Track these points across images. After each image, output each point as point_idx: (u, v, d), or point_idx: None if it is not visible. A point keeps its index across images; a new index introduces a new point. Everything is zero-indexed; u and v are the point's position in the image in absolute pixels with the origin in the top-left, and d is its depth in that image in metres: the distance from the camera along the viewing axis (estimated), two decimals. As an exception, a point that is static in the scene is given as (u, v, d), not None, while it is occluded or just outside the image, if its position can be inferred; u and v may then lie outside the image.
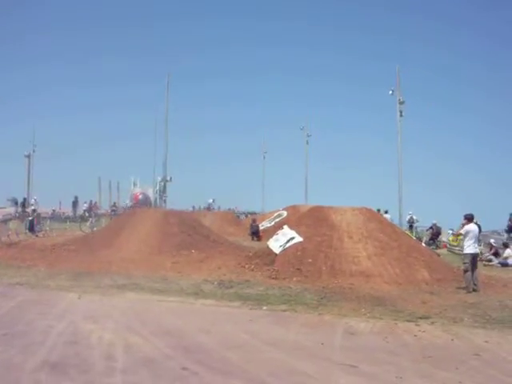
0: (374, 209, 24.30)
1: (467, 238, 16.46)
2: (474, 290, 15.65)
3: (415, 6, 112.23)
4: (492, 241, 27.47)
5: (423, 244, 27.15)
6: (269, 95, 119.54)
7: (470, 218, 16.77)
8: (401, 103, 43.72)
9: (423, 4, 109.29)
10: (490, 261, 24.14)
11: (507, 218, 32.33)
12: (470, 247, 16.35)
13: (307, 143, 66.30)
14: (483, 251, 26.53)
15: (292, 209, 41.03)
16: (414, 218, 39.29)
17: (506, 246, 25.29)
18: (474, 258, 16.38)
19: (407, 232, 30.40)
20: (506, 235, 31.88)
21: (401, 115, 43.92)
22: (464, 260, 16.39)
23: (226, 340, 9.54)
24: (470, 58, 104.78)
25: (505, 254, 24.26)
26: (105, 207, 57.39)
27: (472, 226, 16.62)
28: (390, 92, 43.97)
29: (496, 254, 24.90)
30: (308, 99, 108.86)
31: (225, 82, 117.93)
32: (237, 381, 7.26)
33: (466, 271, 16.06)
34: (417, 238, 30.27)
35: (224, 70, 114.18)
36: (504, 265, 23.42)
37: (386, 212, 34.64)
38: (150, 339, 9.36)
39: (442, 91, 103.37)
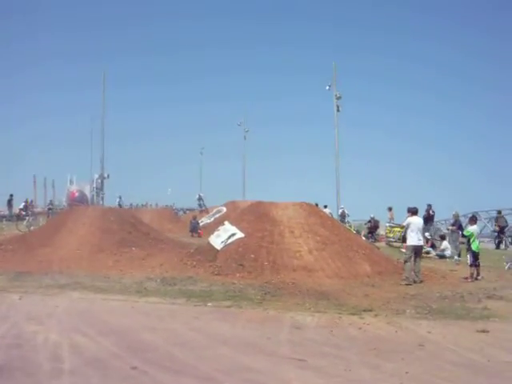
0: (313, 203, 24.47)
1: (409, 230, 16.93)
2: (415, 282, 16.10)
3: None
4: (427, 234, 28.12)
5: (363, 238, 27.57)
6: (208, 94, 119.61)
7: (413, 212, 17.26)
8: (338, 98, 44.11)
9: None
10: (428, 253, 24.69)
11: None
12: (412, 239, 16.81)
13: (245, 138, 66.63)
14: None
15: (231, 204, 41.22)
16: (346, 212, 39.78)
17: (442, 238, 25.93)
18: (417, 249, 16.83)
19: (347, 226, 30.77)
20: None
21: (338, 110, 44.33)
22: (406, 251, 16.76)
23: (173, 337, 9.51)
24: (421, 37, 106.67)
25: (442, 246, 24.92)
26: (41, 205, 56.33)
27: (414, 219, 17.09)
28: (327, 87, 44.34)
29: (433, 247, 25.51)
30: (246, 95, 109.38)
31: (161, 85, 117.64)
32: (188, 379, 7.25)
33: (405, 262, 16.51)
34: (356, 231, 30.66)
35: (160, 73, 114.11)
36: (441, 256, 24.11)
37: (326, 207, 34.97)
38: (97, 339, 9.23)
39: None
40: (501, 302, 13.53)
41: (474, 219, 19.28)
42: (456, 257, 23.18)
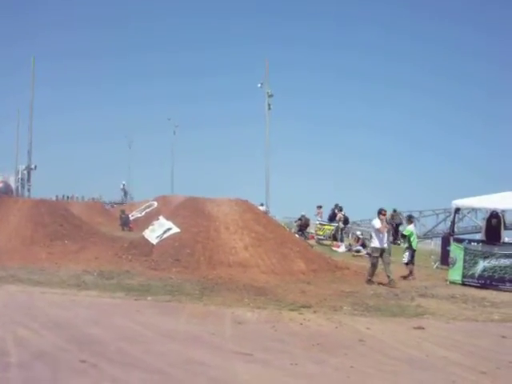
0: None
1: (373, 232, 17.22)
2: (371, 282, 16.33)
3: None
4: (358, 233, 28.78)
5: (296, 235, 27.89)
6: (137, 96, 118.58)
7: (381, 213, 17.32)
8: (269, 96, 44.23)
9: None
10: (359, 251, 25.28)
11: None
12: (375, 241, 16.92)
13: (174, 134, 66.38)
14: (351, 243, 27.83)
15: (162, 199, 41.05)
16: (266, 209, 39.94)
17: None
18: (380, 251, 16.70)
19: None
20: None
21: (269, 108, 44.47)
22: (372, 253, 17.04)
23: (119, 331, 9.51)
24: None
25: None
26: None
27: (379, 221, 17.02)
28: (259, 85, 44.41)
29: (363, 246, 26.08)
30: (178, 94, 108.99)
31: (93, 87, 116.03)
32: (138, 372, 7.28)
33: (372, 264, 16.68)
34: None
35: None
36: (371, 255, 24.50)
37: (262, 204, 35.25)
38: (41, 332, 9.14)
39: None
40: (433, 300, 14.12)
41: (411, 219, 19.97)
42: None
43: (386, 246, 16.99)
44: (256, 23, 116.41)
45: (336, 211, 32.41)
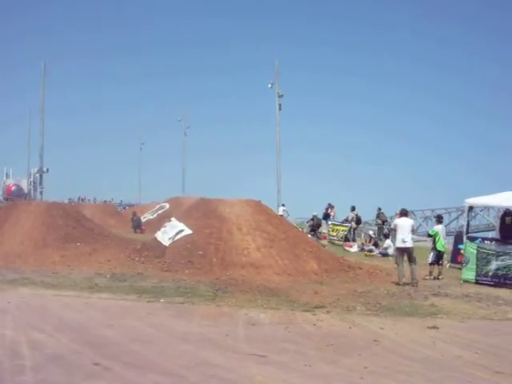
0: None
1: (395, 232, 17.05)
2: (405, 284, 15.95)
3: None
4: (371, 232, 28.68)
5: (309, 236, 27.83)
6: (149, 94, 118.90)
7: (404, 213, 17.21)
8: (280, 96, 44.22)
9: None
10: (371, 251, 25.19)
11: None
12: (397, 241, 16.76)
13: (185, 135, 66.44)
14: (364, 242, 27.76)
15: (174, 201, 41.02)
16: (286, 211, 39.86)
17: (386, 236, 26.43)
18: (404, 251, 16.45)
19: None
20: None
21: (280, 108, 44.47)
22: (394, 253, 16.84)
23: (132, 334, 9.52)
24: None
25: (384, 245, 25.40)
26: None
27: (401, 221, 16.82)
28: (270, 85, 44.40)
29: (376, 245, 26.01)
30: (188, 94, 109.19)
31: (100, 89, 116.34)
32: (151, 374, 7.28)
33: (397, 265, 16.48)
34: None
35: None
36: (384, 255, 24.46)
37: (283, 205, 35.31)
38: (54, 335, 9.16)
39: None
40: (446, 299, 14.01)
41: (439, 218, 19.70)
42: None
43: (406, 245, 16.47)
44: (267, 23, 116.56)
45: (329, 210, 32.64)
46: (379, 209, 33.84)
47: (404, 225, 16.62)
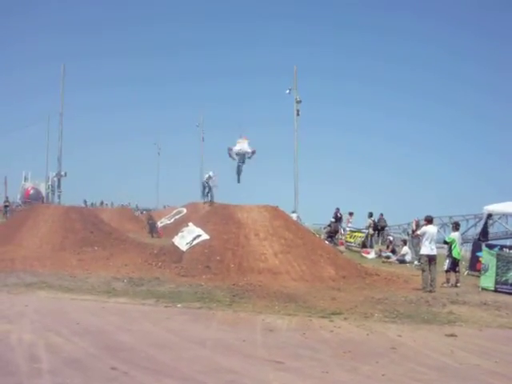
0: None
1: (424, 239, 16.93)
2: (430, 291, 15.95)
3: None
4: (390, 238, 28.50)
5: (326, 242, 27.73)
6: (167, 98, 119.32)
7: (429, 220, 17.19)
8: (298, 102, 44.10)
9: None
10: (389, 258, 25.06)
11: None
12: (426, 248, 16.73)
13: (203, 140, 66.67)
14: (382, 248, 27.62)
15: (192, 206, 40.98)
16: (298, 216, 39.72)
17: (404, 242, 26.25)
18: (431, 258, 16.53)
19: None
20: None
21: (297, 114, 44.34)
22: (420, 260, 16.79)
23: (149, 338, 9.51)
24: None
25: (402, 251, 25.20)
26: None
27: (430, 228, 16.89)
28: (287, 91, 44.30)
29: (393, 251, 25.86)
30: (206, 97, 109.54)
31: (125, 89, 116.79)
32: (169, 379, 7.28)
33: (423, 271, 16.49)
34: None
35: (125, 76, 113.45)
36: (401, 261, 24.34)
37: (294, 212, 35.23)
38: (72, 339, 9.18)
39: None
40: (464, 306, 13.87)
41: (457, 226, 19.55)
42: (416, 262, 23.40)
43: (433, 253, 16.64)
44: (285, 29, 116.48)
45: (338, 214, 32.63)
46: (381, 214, 33.75)
47: (432, 232, 16.83)
